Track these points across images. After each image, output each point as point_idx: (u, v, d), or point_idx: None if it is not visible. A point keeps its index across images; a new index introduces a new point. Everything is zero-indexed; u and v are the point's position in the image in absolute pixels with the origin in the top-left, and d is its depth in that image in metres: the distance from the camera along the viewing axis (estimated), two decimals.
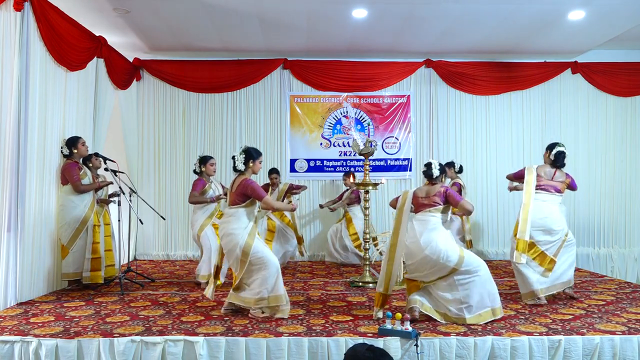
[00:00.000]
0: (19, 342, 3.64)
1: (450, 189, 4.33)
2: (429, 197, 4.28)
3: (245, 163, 4.35)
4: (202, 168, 5.70)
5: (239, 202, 4.33)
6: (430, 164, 4.38)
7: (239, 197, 4.33)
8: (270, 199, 4.61)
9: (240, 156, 4.35)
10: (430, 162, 4.40)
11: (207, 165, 5.71)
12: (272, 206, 4.55)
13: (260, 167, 4.49)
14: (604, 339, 3.69)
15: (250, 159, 4.37)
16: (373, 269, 6.33)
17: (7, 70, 4.76)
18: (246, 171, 4.38)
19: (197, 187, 5.61)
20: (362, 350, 2.61)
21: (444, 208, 4.26)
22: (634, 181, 8.16)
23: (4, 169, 4.72)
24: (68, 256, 5.38)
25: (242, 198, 4.32)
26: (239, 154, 4.37)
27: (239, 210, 4.33)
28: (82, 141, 5.57)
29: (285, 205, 5.24)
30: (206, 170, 5.71)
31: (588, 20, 6.41)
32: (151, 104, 8.04)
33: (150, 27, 6.73)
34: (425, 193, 4.33)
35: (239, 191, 4.31)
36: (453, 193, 4.28)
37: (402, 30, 6.89)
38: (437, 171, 4.35)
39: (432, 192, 4.29)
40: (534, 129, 8.11)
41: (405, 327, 3.66)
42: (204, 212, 5.66)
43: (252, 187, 4.28)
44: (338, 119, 8.14)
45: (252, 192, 4.28)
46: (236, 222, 4.29)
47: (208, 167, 5.71)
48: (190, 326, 3.99)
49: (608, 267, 7.96)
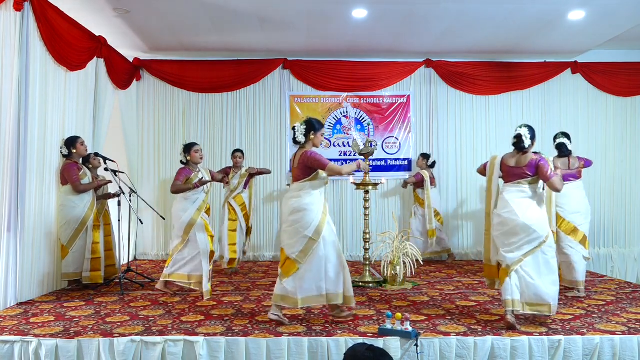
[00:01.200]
0: (19, 342, 3.65)
1: (542, 162, 4.01)
2: (519, 167, 4.10)
3: (305, 134, 4.12)
4: (187, 157, 5.27)
5: (304, 176, 4.06)
6: (520, 135, 4.10)
7: (302, 172, 4.06)
8: (336, 164, 4.16)
9: (301, 127, 4.12)
10: (519, 133, 4.11)
11: (192, 152, 5.25)
12: (339, 171, 4.13)
13: (321, 139, 4.23)
14: (604, 339, 3.69)
15: (311, 130, 4.12)
16: (373, 269, 6.34)
17: (7, 70, 4.76)
18: (307, 143, 4.15)
19: (180, 176, 5.17)
20: (362, 350, 2.61)
21: (532, 179, 4.06)
22: (634, 181, 8.16)
23: (4, 169, 4.72)
24: (68, 256, 5.38)
25: (307, 171, 4.05)
26: (300, 125, 4.14)
27: (306, 185, 4.05)
28: (81, 141, 5.57)
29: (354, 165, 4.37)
30: (192, 159, 5.27)
31: (588, 20, 6.41)
32: (151, 104, 8.04)
33: (150, 27, 6.73)
34: (515, 162, 4.14)
35: (302, 164, 4.06)
36: (545, 166, 3.99)
37: (402, 30, 6.89)
38: (528, 141, 4.07)
39: (524, 162, 4.08)
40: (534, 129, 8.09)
41: (405, 327, 3.66)
42: (192, 203, 5.14)
43: (313, 157, 4.00)
44: (338, 119, 8.14)
45: (314, 163, 4.00)
46: (307, 197, 4.00)
47: (193, 154, 5.25)
48: (190, 326, 3.99)
49: (608, 267, 7.96)
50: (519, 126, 4.21)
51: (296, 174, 4.14)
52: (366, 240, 5.93)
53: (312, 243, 3.96)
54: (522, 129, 4.13)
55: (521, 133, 4.10)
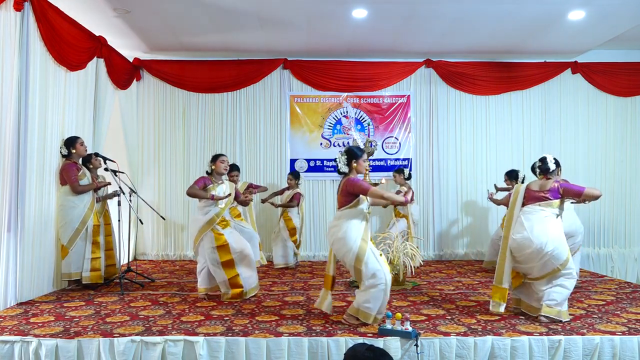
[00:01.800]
0: (19, 342, 3.65)
1: (565, 184, 4.25)
2: (542, 190, 4.30)
3: (348, 164, 4.13)
4: (213, 166, 5.06)
5: (346, 203, 4.09)
6: (545, 158, 4.36)
7: (345, 198, 4.10)
8: (378, 189, 4.11)
9: (342, 157, 4.13)
10: (545, 156, 4.38)
11: (217, 162, 5.05)
12: (381, 195, 4.07)
13: (365, 165, 4.21)
14: (604, 339, 3.69)
15: (352, 159, 4.12)
16: None
17: (7, 70, 4.76)
18: (350, 172, 4.15)
19: (198, 182, 4.97)
20: (362, 350, 2.61)
21: (556, 202, 4.25)
22: (634, 181, 8.16)
23: (4, 169, 4.72)
24: (68, 256, 5.38)
25: (349, 198, 4.08)
26: (341, 156, 4.14)
27: (345, 212, 4.08)
28: (81, 141, 5.57)
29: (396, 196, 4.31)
30: (216, 168, 5.05)
31: (588, 20, 6.41)
32: (151, 104, 8.04)
33: (150, 27, 6.73)
34: (539, 187, 4.36)
35: (345, 191, 4.10)
36: (569, 186, 4.23)
37: (402, 30, 6.89)
38: (552, 165, 4.33)
39: (546, 187, 4.30)
40: (534, 129, 8.12)
41: (405, 327, 3.66)
42: (204, 215, 4.93)
43: (355, 182, 4.02)
44: (338, 119, 8.14)
45: (356, 189, 4.02)
46: (346, 225, 4.04)
47: (218, 164, 5.04)
48: (190, 326, 3.99)
49: (608, 267, 7.96)
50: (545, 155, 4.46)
51: (339, 201, 4.18)
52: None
53: (358, 271, 4.00)
54: (549, 155, 4.40)
55: (546, 157, 4.39)
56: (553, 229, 4.17)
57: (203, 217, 4.94)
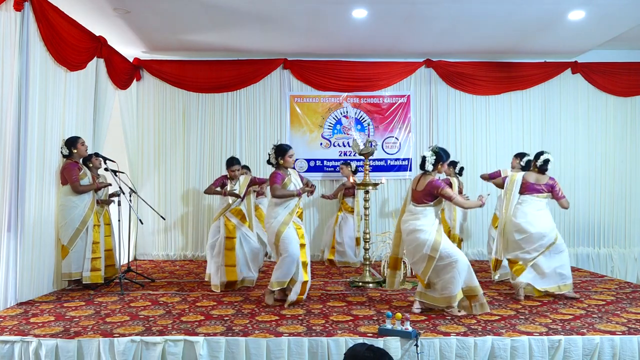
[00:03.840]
0: (19, 342, 3.65)
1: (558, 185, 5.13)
2: (538, 183, 5.11)
3: (434, 164, 4.43)
4: (280, 160, 4.80)
5: (427, 201, 4.40)
6: (548, 160, 5.12)
7: (426, 197, 4.39)
8: (461, 198, 4.52)
9: (430, 157, 4.42)
10: (548, 158, 5.11)
11: (286, 157, 4.80)
12: (462, 205, 4.54)
13: (446, 167, 4.57)
14: (604, 339, 3.69)
15: (440, 161, 4.45)
16: (373, 269, 6.33)
17: (7, 70, 4.76)
18: (433, 172, 4.46)
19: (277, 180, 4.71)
20: (362, 350, 2.61)
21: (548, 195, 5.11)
22: (634, 181, 8.16)
23: (4, 169, 4.72)
24: (68, 256, 5.38)
25: (430, 198, 4.39)
26: (430, 155, 4.43)
27: (427, 209, 4.41)
28: (82, 141, 5.57)
29: (474, 202, 4.46)
30: (284, 163, 4.82)
31: (588, 20, 6.41)
32: (151, 104, 8.04)
33: (150, 27, 6.73)
34: (534, 179, 5.15)
35: (427, 191, 4.38)
36: (558, 189, 5.11)
37: (402, 30, 6.89)
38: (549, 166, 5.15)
39: (542, 181, 5.12)
40: (534, 129, 8.12)
41: (405, 327, 3.66)
42: (284, 208, 4.72)
43: (445, 191, 4.33)
44: (338, 119, 8.14)
45: (443, 195, 4.34)
46: (424, 219, 4.38)
47: (287, 159, 4.80)
48: (190, 326, 3.99)
49: (608, 267, 7.96)
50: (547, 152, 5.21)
51: (418, 197, 4.46)
52: (366, 240, 5.93)
53: (431, 260, 4.30)
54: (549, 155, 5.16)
55: (548, 158, 5.14)
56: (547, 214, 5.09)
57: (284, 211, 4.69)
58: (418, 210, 4.42)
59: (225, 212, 5.58)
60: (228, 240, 5.49)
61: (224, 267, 5.42)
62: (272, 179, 4.74)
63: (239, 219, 5.62)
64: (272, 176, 4.76)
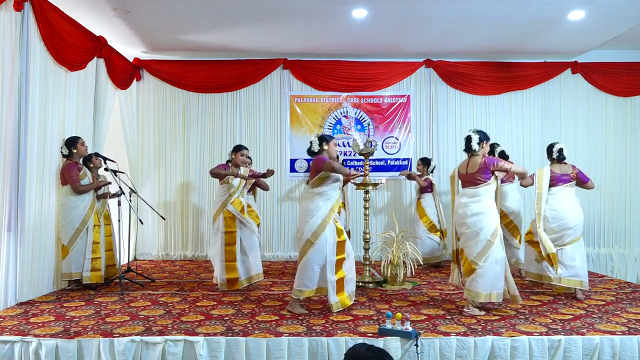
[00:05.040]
0: (19, 342, 3.65)
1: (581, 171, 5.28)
2: (566, 173, 5.22)
3: (479, 143, 4.48)
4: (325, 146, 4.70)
5: (485, 179, 4.40)
6: (562, 149, 5.25)
7: (483, 175, 4.40)
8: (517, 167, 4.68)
9: (475, 136, 4.47)
10: (561, 147, 5.25)
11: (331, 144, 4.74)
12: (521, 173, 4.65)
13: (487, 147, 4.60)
14: (603, 339, 3.70)
15: (484, 140, 4.52)
16: (373, 269, 6.33)
17: (7, 70, 4.76)
18: (479, 151, 4.50)
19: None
20: (362, 350, 2.61)
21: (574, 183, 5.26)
22: (634, 181, 8.16)
23: (4, 169, 4.72)
24: (68, 256, 5.38)
25: (488, 175, 4.40)
26: (474, 134, 4.48)
27: (488, 187, 4.40)
28: (82, 141, 5.57)
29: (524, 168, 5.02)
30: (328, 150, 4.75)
31: (588, 20, 6.41)
32: (151, 104, 8.04)
33: (150, 27, 6.73)
34: (559, 170, 5.24)
35: (483, 169, 4.39)
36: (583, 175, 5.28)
37: (402, 30, 6.89)
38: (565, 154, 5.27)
39: (568, 171, 5.24)
40: (534, 129, 8.12)
41: (405, 327, 3.66)
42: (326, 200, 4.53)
43: (498, 164, 4.38)
44: (338, 119, 8.14)
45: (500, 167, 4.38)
46: (487, 201, 4.39)
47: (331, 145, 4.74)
48: (190, 326, 3.99)
49: (608, 267, 7.96)
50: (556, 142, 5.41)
51: (473, 179, 4.46)
52: (366, 240, 5.92)
53: (489, 244, 4.30)
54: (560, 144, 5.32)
55: (562, 147, 5.28)
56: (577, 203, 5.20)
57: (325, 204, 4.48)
58: (479, 192, 4.39)
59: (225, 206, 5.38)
60: (228, 235, 5.40)
61: (224, 264, 5.37)
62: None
63: (239, 209, 5.47)
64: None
